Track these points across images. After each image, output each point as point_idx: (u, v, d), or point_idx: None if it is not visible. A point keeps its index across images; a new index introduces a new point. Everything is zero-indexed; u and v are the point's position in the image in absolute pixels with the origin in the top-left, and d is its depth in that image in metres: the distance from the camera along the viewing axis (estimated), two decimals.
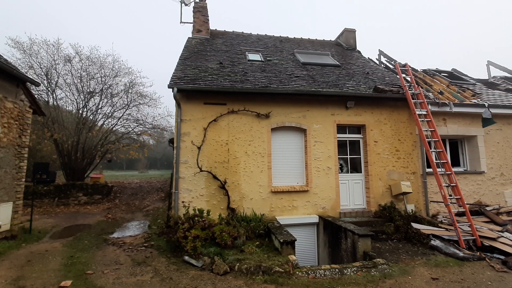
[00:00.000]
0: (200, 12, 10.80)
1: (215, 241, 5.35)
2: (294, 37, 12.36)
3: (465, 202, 6.44)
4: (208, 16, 10.91)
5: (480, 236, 5.76)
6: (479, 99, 8.68)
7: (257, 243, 5.53)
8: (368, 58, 11.66)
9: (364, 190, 7.55)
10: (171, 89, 6.39)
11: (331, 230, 6.35)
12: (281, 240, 5.03)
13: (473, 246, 5.65)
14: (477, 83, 10.90)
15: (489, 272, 4.64)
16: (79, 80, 13.36)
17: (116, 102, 14.45)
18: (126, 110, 14.57)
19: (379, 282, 4.25)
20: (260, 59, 9.08)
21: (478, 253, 5.34)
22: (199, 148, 6.56)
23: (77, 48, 13.52)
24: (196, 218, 5.80)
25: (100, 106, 14.10)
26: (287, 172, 7.11)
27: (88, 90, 13.51)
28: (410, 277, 4.41)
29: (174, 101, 6.63)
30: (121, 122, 14.83)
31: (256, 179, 6.75)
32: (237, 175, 6.68)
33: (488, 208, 7.24)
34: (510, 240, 5.70)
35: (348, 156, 7.71)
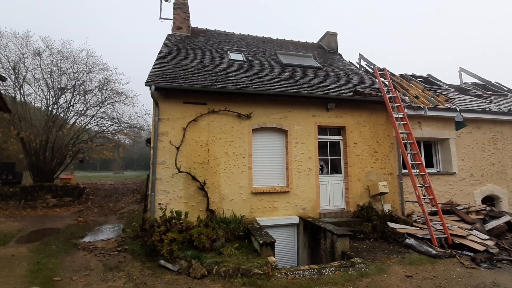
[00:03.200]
0: (181, 8, 10.55)
1: (193, 244, 5.21)
2: (277, 38, 12.39)
3: (438, 202, 6.71)
4: (189, 13, 10.68)
5: (451, 234, 6.00)
6: (451, 104, 9.11)
7: (237, 245, 5.45)
8: (349, 61, 11.92)
9: (344, 191, 7.66)
10: (148, 87, 6.16)
11: (311, 230, 6.37)
12: (261, 242, 4.98)
13: (445, 244, 5.87)
14: (450, 88, 11.46)
15: (459, 269, 4.83)
16: (49, 76, 12.58)
17: (90, 99, 13.74)
18: (100, 108, 13.90)
19: (356, 281, 4.30)
20: (242, 59, 9.00)
21: (449, 251, 5.56)
22: (177, 148, 6.35)
23: (48, 42, 12.73)
24: (173, 221, 5.62)
25: (72, 103, 13.32)
26: (268, 173, 7.07)
27: (59, 86, 12.73)
28: (385, 275, 4.50)
29: (152, 100, 6.39)
30: (94, 120, 14.13)
31: (237, 180, 6.65)
32: (217, 176, 6.55)
33: (458, 208, 7.59)
34: (478, 237, 5.99)
35: (329, 157, 7.80)
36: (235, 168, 6.67)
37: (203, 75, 7.30)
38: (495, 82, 13.26)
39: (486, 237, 6.05)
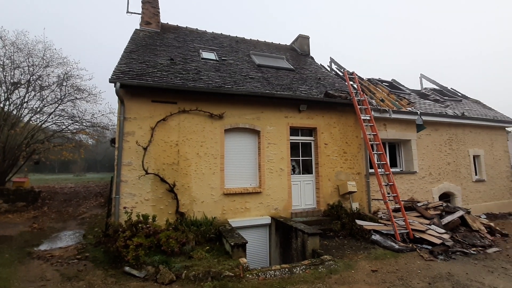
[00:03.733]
0: (150, 3, 10.10)
1: (161, 249, 5.04)
2: (251, 39, 12.38)
3: (401, 199, 7.11)
4: (159, 8, 10.25)
5: (412, 229, 6.38)
6: (413, 108, 9.73)
7: (207, 247, 5.33)
8: (321, 64, 12.27)
9: (315, 191, 7.83)
10: (113, 84, 5.81)
11: (282, 230, 6.42)
12: (232, 243, 4.92)
13: (407, 239, 6.24)
14: (411, 93, 12.25)
15: (419, 262, 5.15)
16: (1, 69, 11.42)
17: (47, 96, 12.66)
18: (59, 105, 12.88)
19: (325, 278, 4.41)
20: (215, 58, 8.85)
21: (410, 245, 5.91)
22: (145, 149, 6.05)
23: (1, 32, 11.58)
24: (139, 225, 5.37)
25: (26, 100, 12.20)
26: (240, 173, 7.01)
27: (11, 80, 11.61)
28: (353, 271, 4.66)
29: (117, 98, 6.03)
30: (52, 118, 13.07)
31: (208, 181, 6.50)
32: (187, 177, 6.35)
33: (419, 204, 8.11)
34: (436, 232, 6.44)
35: (300, 158, 7.93)
36: (206, 169, 6.52)
37: (173, 73, 7.05)
38: (451, 88, 14.44)
39: (443, 231, 6.53)
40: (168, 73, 6.96)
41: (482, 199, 10.90)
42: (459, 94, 13.97)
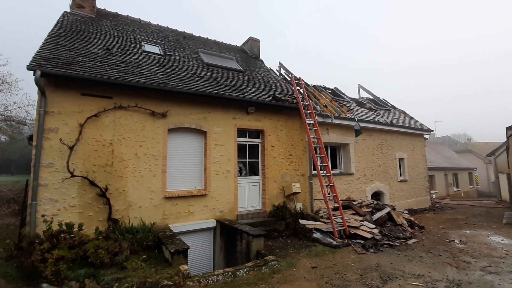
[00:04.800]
0: None
1: (89, 261, 4.46)
2: (200, 36, 11.98)
3: (339, 199, 7.64)
4: None
5: (348, 226, 6.89)
6: (352, 114, 10.61)
7: (144, 256, 4.90)
8: (270, 68, 12.57)
9: (261, 192, 7.90)
10: (32, 72, 4.96)
11: (227, 233, 6.29)
12: (172, 250, 4.61)
13: (344, 235, 6.70)
14: (351, 101, 13.39)
15: (353, 255, 5.55)
16: None
17: None
18: None
19: (268, 278, 4.43)
20: (159, 53, 8.30)
21: (346, 241, 6.36)
22: (71, 148, 5.30)
23: None
24: (62, 235, 4.68)
25: None
26: (184, 175, 6.66)
27: None
28: (295, 269, 4.79)
29: (37, 88, 5.17)
30: None
31: (148, 184, 6.00)
32: (123, 180, 5.76)
33: (354, 203, 8.83)
34: (367, 227, 7.06)
35: (248, 160, 7.93)
36: (146, 171, 6.02)
37: (110, 64, 6.37)
38: (383, 98, 16.24)
39: (373, 226, 7.20)
40: (103, 64, 6.26)
41: (405, 196, 12.45)
42: (389, 104, 15.79)
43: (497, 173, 19.74)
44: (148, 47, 8.32)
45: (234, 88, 7.98)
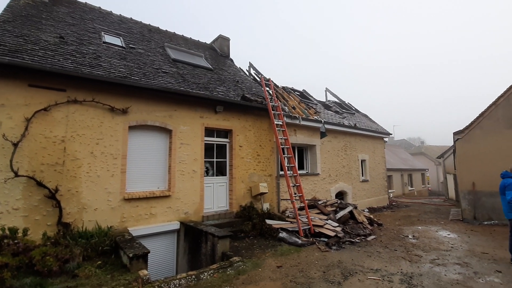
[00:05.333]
0: None
1: (35, 269, 4.04)
2: (167, 30, 11.48)
3: (305, 199, 7.82)
4: None
5: (314, 225, 7.07)
6: (318, 116, 10.95)
7: (99, 262, 4.56)
8: (240, 67, 12.51)
9: (228, 192, 7.80)
10: None
11: (192, 235, 6.09)
12: (131, 255, 4.33)
13: (309, 234, 6.86)
14: (318, 103, 13.83)
15: (317, 253, 5.70)
16: None
17: None
18: None
19: (233, 279, 4.36)
20: (121, 45, 7.81)
21: (311, 239, 6.51)
22: (15, 144, 4.74)
23: None
24: (5, 241, 4.25)
25: None
26: (146, 176, 6.32)
27: None
28: (260, 269, 4.77)
29: None
30: None
31: (105, 185, 5.59)
32: (76, 180, 5.29)
33: (319, 202, 9.11)
34: (331, 226, 7.31)
35: (215, 160, 7.78)
36: (103, 171, 5.60)
37: (63, 54, 5.84)
38: (348, 102, 17.04)
39: (336, 224, 7.47)
40: (56, 53, 5.72)
41: (366, 195, 13.17)
42: (353, 108, 16.63)
43: (445, 173, 21.84)
44: (108, 38, 7.78)
45: (202, 86, 7.79)
